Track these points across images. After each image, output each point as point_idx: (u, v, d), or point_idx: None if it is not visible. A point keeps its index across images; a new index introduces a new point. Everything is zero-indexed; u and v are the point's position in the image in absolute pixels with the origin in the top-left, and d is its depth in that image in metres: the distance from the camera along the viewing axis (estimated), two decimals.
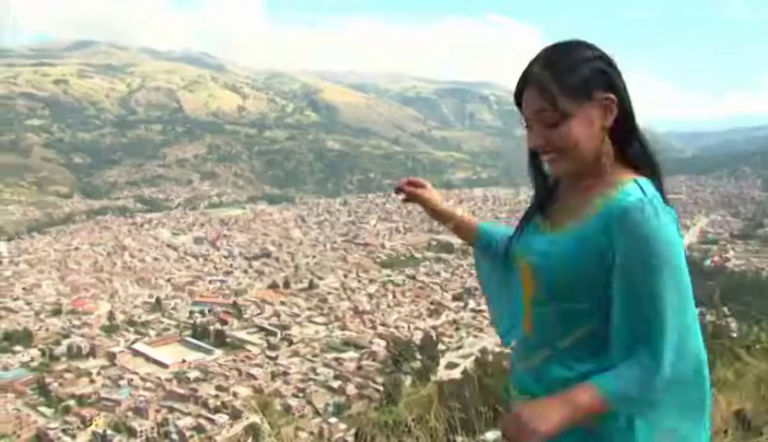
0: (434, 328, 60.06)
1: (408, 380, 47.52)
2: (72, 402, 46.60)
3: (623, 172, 1.52)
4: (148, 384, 50.22)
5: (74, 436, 42.09)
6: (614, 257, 1.42)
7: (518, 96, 1.55)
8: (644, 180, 1.49)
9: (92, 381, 50.63)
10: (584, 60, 1.48)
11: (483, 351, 47.74)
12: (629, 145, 1.54)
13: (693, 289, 1.41)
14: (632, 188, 1.47)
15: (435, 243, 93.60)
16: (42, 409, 46.28)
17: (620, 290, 1.43)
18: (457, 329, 60.05)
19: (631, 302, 1.41)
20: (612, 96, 1.48)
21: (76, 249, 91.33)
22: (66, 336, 59.30)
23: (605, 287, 1.45)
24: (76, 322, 63.04)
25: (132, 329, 63.12)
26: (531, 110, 1.50)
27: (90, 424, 43.22)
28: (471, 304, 65.58)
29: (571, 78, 1.46)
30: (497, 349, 49.40)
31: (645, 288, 1.39)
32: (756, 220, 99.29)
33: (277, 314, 66.46)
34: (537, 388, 1.57)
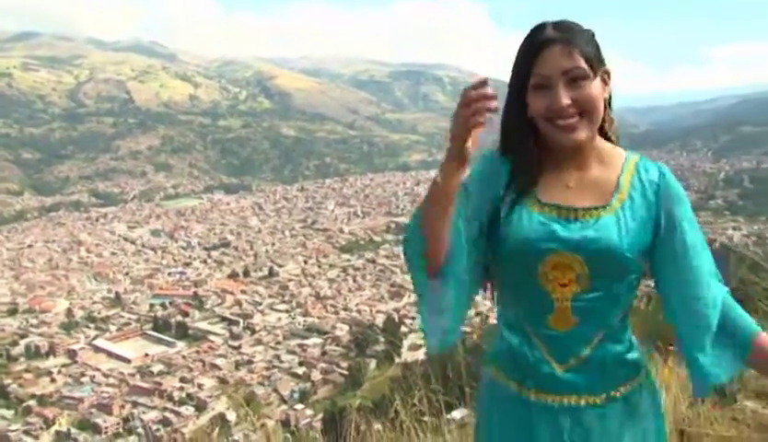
0: (396, 310, 60.36)
1: (372, 363, 47.88)
2: (33, 403, 45.91)
3: (613, 146, 1.62)
4: (111, 380, 49.74)
5: (37, 437, 41.53)
6: (669, 218, 1.55)
7: (530, 55, 1.49)
8: (634, 152, 1.62)
9: (53, 380, 49.95)
10: (590, 33, 1.53)
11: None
12: (610, 120, 1.61)
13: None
14: (638, 157, 1.60)
15: (393, 226, 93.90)
16: (2, 411, 45.50)
17: (693, 241, 1.55)
18: (419, 311, 60.37)
19: (705, 247, 1.57)
20: (609, 69, 1.55)
21: (30, 246, 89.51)
22: (24, 336, 58.23)
23: (650, 252, 1.55)
24: (34, 321, 61.91)
25: (92, 325, 62.25)
26: (560, 68, 1.46)
27: (53, 424, 42.66)
28: None
29: (589, 44, 1.50)
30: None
31: (700, 236, 1.57)
32: (708, 192, 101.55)
33: (238, 303, 66.18)
34: (591, 377, 1.55)
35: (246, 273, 76.53)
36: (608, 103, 1.57)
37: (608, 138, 1.62)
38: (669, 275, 1.56)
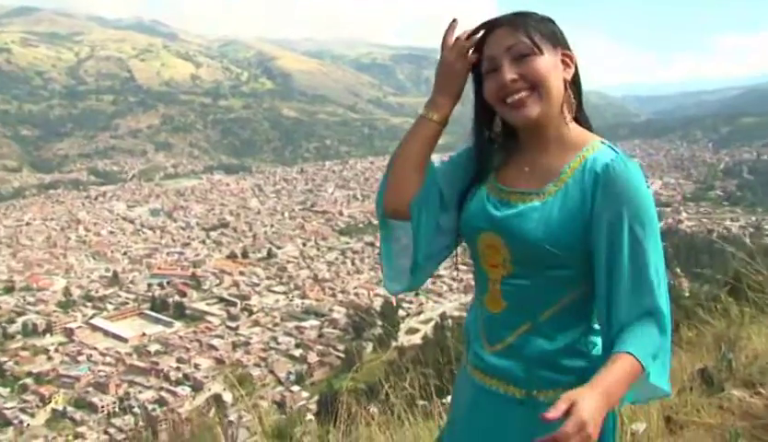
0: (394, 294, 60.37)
1: (369, 347, 47.98)
2: (29, 381, 46.03)
3: (584, 133, 1.54)
4: (108, 359, 49.83)
5: (32, 415, 41.62)
6: (598, 216, 1.42)
7: (480, 43, 1.55)
8: (606, 141, 1.52)
9: (50, 358, 50.03)
10: (548, 20, 1.54)
11: (443, 316, 48.33)
12: (580, 107, 1.57)
13: None
14: (604, 147, 1.50)
15: None
16: None
17: (617, 248, 1.40)
18: (416, 294, 60.51)
19: (632, 259, 1.40)
20: (571, 53, 1.54)
21: (28, 224, 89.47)
22: (21, 313, 58.33)
23: (588, 250, 1.45)
24: (31, 299, 61.96)
25: (89, 304, 62.31)
26: (503, 46, 1.48)
27: (49, 402, 42.75)
28: None
29: (541, 26, 1.50)
30: (456, 313, 50.11)
31: (642, 244, 1.40)
32: (707, 183, 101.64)
33: (236, 284, 66.24)
34: (513, 367, 1.52)
35: (244, 255, 76.56)
36: (569, 85, 1.52)
37: (586, 127, 1.58)
38: (594, 281, 1.46)
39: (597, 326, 1.52)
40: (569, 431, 1.17)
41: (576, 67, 1.55)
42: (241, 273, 69.82)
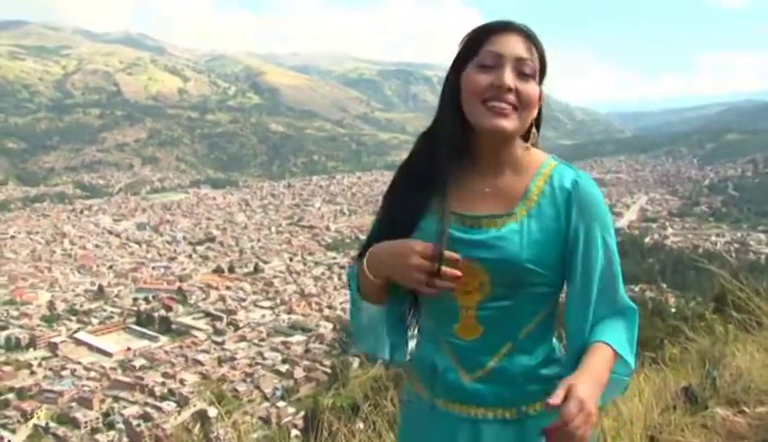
0: None
1: (356, 362, 47.78)
2: (11, 396, 45.35)
3: (535, 152, 1.54)
4: (92, 374, 49.30)
5: (14, 431, 40.97)
6: (575, 231, 1.46)
7: (485, 34, 1.47)
8: (557, 158, 1.54)
9: (33, 373, 49.43)
10: (543, 49, 1.52)
11: None
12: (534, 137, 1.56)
13: (635, 267, 1.52)
14: (562, 165, 1.52)
15: None
16: None
17: (593, 258, 1.46)
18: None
19: (607, 266, 1.48)
20: (543, 92, 1.51)
21: (13, 237, 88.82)
22: (4, 328, 57.68)
23: (562, 263, 1.48)
24: (14, 313, 61.36)
25: (74, 318, 61.75)
26: (514, 53, 1.44)
27: (31, 418, 42.21)
28: None
29: (543, 54, 1.50)
30: None
31: (614, 252, 1.50)
32: (693, 198, 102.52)
33: (223, 299, 65.94)
34: (500, 389, 1.49)
35: (231, 269, 76.29)
36: (534, 120, 1.53)
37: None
38: (568, 291, 1.51)
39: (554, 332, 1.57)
40: (572, 410, 1.22)
41: (541, 106, 1.52)
42: (228, 288, 69.55)
